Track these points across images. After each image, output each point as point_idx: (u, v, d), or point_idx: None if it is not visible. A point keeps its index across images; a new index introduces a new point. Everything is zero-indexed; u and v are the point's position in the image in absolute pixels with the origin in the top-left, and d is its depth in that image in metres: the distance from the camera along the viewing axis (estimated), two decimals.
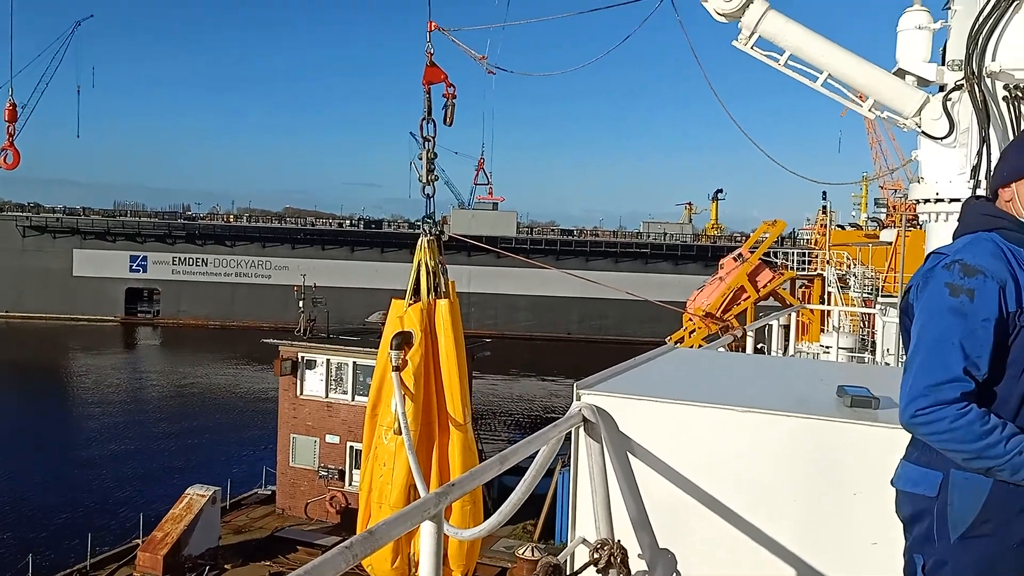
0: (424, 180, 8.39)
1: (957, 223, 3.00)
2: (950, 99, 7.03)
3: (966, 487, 2.70)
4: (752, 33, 7.65)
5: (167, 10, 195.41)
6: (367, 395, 7.98)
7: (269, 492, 32.43)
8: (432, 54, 8.51)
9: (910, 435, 2.98)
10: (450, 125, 8.73)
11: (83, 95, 78.00)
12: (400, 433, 6.77)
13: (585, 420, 3.77)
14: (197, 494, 26.23)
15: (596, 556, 3.46)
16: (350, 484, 29.53)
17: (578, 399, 3.92)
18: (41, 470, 38.13)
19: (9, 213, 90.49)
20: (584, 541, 3.79)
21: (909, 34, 7.53)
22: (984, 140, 6.56)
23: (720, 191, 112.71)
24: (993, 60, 6.60)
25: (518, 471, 3.47)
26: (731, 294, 28.15)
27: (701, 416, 3.76)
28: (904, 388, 2.72)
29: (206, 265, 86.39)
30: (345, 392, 30.87)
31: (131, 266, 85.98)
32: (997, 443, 2.56)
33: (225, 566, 25.78)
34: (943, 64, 7.36)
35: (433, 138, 8.45)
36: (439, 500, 2.62)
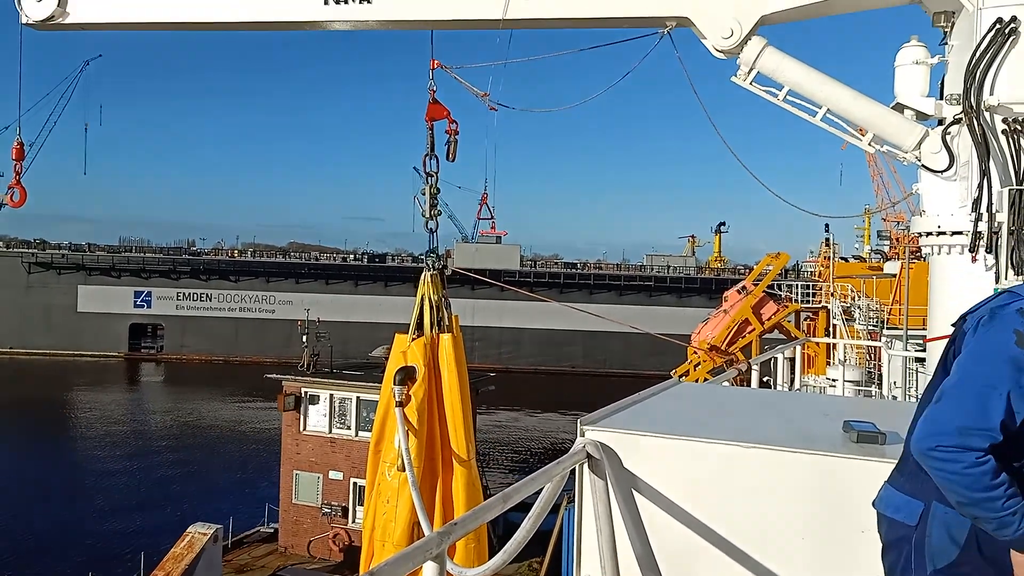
0: (427, 215, 8.44)
1: None
2: (949, 133, 7.07)
3: (945, 521, 2.67)
4: (751, 69, 7.72)
5: (173, 50, 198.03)
6: (371, 430, 7.94)
7: (272, 530, 32.11)
8: (435, 91, 8.61)
9: (898, 459, 2.96)
10: (453, 161, 8.80)
11: (90, 132, 78.92)
12: (403, 469, 6.73)
13: (589, 456, 3.74)
14: (199, 532, 25.96)
15: None
16: (353, 521, 29.24)
17: (582, 435, 3.89)
18: (42, 508, 37.84)
19: (15, 250, 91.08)
20: None
21: (907, 69, 7.61)
22: (984, 173, 6.59)
23: (723, 224, 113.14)
24: (991, 94, 6.65)
25: (524, 507, 3.44)
26: (736, 327, 28.09)
27: (706, 452, 3.73)
28: (934, 417, 2.61)
29: (210, 300, 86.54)
30: (348, 427, 30.70)
31: (135, 302, 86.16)
32: (997, 499, 2.49)
33: None
34: (941, 98, 7.42)
35: (436, 174, 8.52)
36: (441, 540, 2.60)
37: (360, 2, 8.45)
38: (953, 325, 2.89)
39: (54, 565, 30.27)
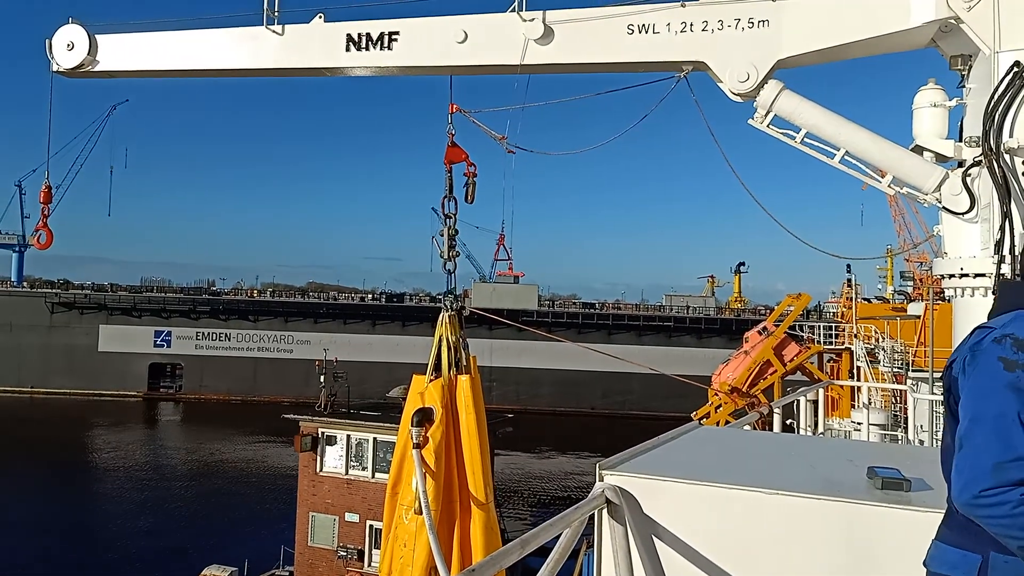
0: (445, 256, 8.49)
1: (994, 302, 2.98)
2: (970, 175, 7.04)
3: (1007, 571, 2.62)
4: (768, 112, 7.76)
5: (197, 93, 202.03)
6: (388, 472, 7.90)
7: (287, 573, 31.82)
8: (454, 135, 8.71)
9: (943, 514, 2.89)
10: (471, 203, 8.87)
11: (115, 175, 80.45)
12: (421, 512, 6.67)
13: (608, 502, 3.69)
14: (214, 574, 25.83)
15: None
16: (369, 565, 28.92)
17: (601, 480, 3.84)
18: (59, 547, 37.79)
19: (39, 290, 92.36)
20: None
21: (925, 111, 7.61)
22: (1006, 215, 6.55)
23: (742, 264, 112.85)
24: (1011, 136, 6.63)
25: (543, 552, 3.39)
26: (757, 368, 27.82)
27: (728, 499, 3.67)
28: (963, 467, 2.62)
29: (229, 340, 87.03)
30: (365, 468, 30.53)
31: (155, 341, 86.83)
32: None
33: None
34: (960, 140, 7.40)
35: (454, 215, 8.59)
36: None
37: (381, 49, 8.61)
38: (943, 372, 2.93)
39: None
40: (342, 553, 29.92)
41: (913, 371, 24.85)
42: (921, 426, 13.57)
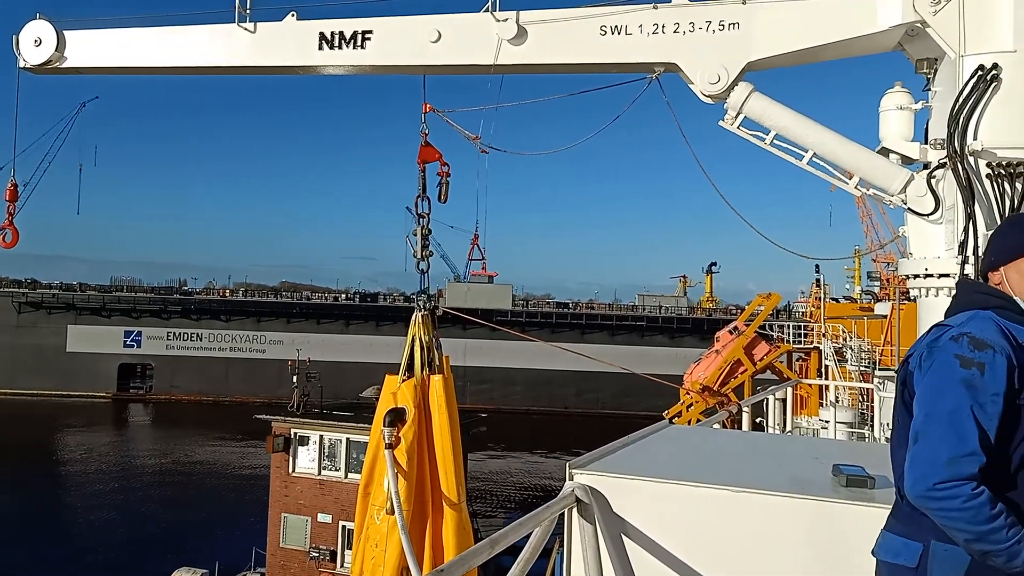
0: (418, 256, 8.48)
1: (951, 301, 3.06)
2: (935, 176, 7.17)
3: (945, 559, 2.71)
4: (738, 114, 7.84)
5: (168, 91, 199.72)
6: (360, 472, 7.87)
7: (259, 574, 31.57)
8: (427, 134, 8.71)
9: (892, 505, 2.99)
10: (444, 202, 8.87)
11: (84, 173, 79.22)
12: (393, 513, 6.66)
13: (578, 501, 3.72)
14: None
15: None
16: (342, 566, 28.78)
17: (571, 479, 3.87)
18: (26, 550, 37.16)
19: (6, 290, 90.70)
20: None
21: (891, 114, 7.73)
22: (970, 216, 6.67)
23: (714, 264, 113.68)
24: (975, 139, 6.76)
25: (516, 551, 3.41)
26: (728, 367, 28.02)
27: (696, 497, 3.71)
28: (917, 459, 2.69)
29: (201, 340, 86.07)
30: (338, 469, 30.38)
31: (125, 341, 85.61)
32: (1001, 529, 2.57)
33: None
34: (926, 143, 7.53)
35: (428, 215, 8.59)
36: None
37: (354, 48, 8.57)
38: (899, 366, 3.03)
39: None
40: (314, 554, 29.74)
41: (880, 370, 25.21)
42: (887, 424, 13.77)
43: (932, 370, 2.77)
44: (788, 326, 42.42)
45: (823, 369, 32.69)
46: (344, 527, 29.14)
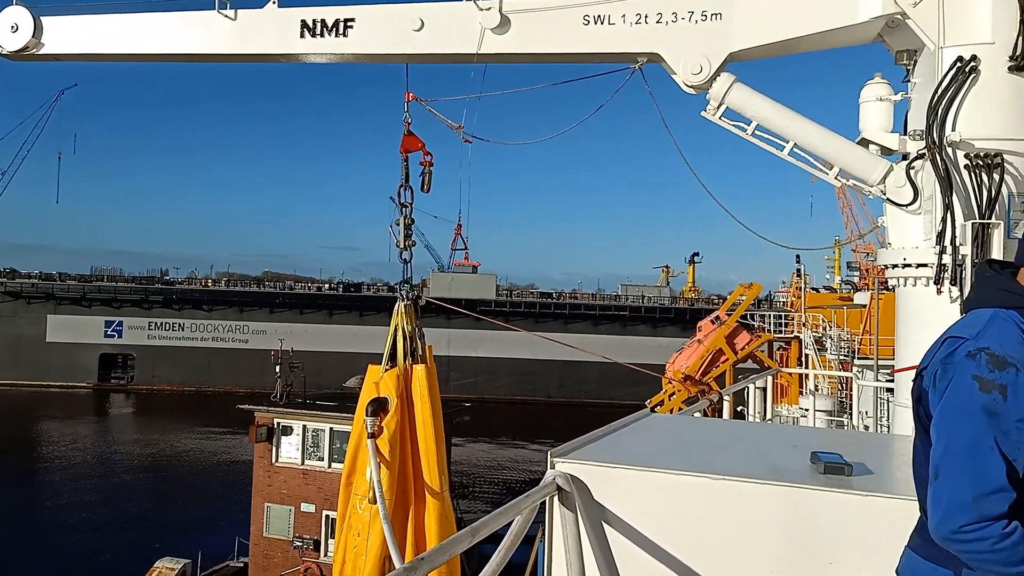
0: (401, 245, 8.46)
1: (970, 290, 2.84)
2: (913, 167, 7.23)
3: None
4: (720, 104, 7.87)
5: (149, 80, 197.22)
6: (343, 463, 7.87)
7: (241, 564, 31.49)
8: (410, 123, 8.67)
9: (915, 523, 2.82)
10: (427, 192, 8.84)
11: (64, 161, 78.43)
12: (375, 502, 6.67)
13: (559, 489, 3.75)
14: (166, 567, 25.51)
15: None
16: (325, 555, 28.78)
17: (552, 467, 3.89)
18: (6, 542, 36.90)
19: None
20: None
21: (871, 105, 7.79)
22: (948, 207, 6.74)
23: (696, 254, 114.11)
24: (953, 130, 6.82)
25: (496, 539, 3.43)
26: (710, 356, 28.27)
27: (676, 484, 3.75)
28: (939, 499, 2.45)
29: (183, 330, 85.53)
30: (321, 459, 30.34)
31: (106, 331, 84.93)
32: None
33: None
34: (905, 134, 7.60)
35: (410, 204, 8.56)
36: (408, 575, 2.58)
37: (336, 36, 8.53)
38: (913, 381, 2.80)
39: None
40: (298, 543, 29.72)
41: (859, 359, 25.47)
42: (866, 412, 13.94)
43: (948, 394, 2.50)
44: (769, 316, 42.74)
45: (803, 358, 32.97)
46: (327, 516, 29.13)
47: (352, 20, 8.52)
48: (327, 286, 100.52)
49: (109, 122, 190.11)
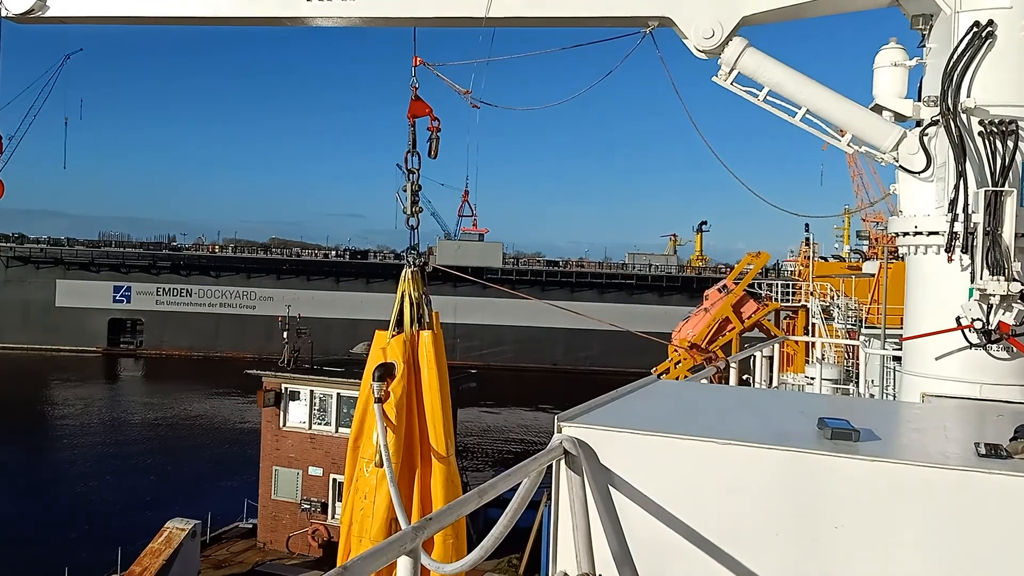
0: (408, 212, 8.41)
1: None
2: (927, 134, 7.13)
3: None
4: (732, 69, 7.75)
5: (156, 46, 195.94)
6: (351, 427, 7.92)
7: (250, 525, 31.95)
8: (417, 88, 8.58)
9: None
10: (435, 158, 8.77)
11: (70, 127, 78.22)
12: (382, 465, 6.72)
13: (566, 453, 3.76)
14: (177, 528, 25.82)
15: None
16: (333, 517, 29.16)
17: (559, 431, 3.91)
18: (17, 503, 37.46)
19: None
20: (565, 575, 3.76)
21: (885, 71, 7.66)
22: (961, 174, 6.65)
23: (704, 223, 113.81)
24: (968, 96, 6.72)
25: (504, 504, 3.45)
26: (716, 325, 28.19)
27: (682, 449, 3.76)
28: None
29: (190, 296, 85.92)
30: (328, 424, 30.61)
31: (115, 296, 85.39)
32: None
33: None
34: (919, 100, 7.48)
35: (418, 170, 8.50)
36: (416, 534, 2.60)
37: None
38: None
39: (30, 559, 29.97)
40: (305, 506, 30.11)
41: (866, 328, 25.43)
42: (872, 380, 13.94)
43: None
44: (776, 285, 42.65)
45: (810, 327, 32.95)
46: (335, 480, 29.46)
47: None
48: (334, 253, 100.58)
49: (116, 88, 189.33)
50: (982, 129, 6.67)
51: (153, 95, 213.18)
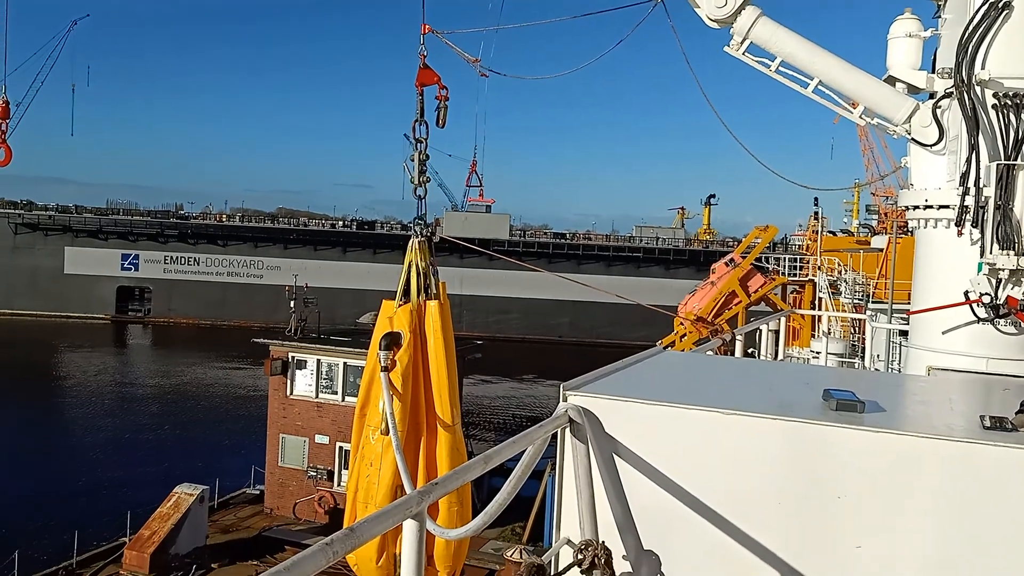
0: (416, 182, 8.37)
1: None
2: (940, 106, 7.06)
3: None
4: (744, 39, 7.67)
5: (163, 15, 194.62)
6: (357, 395, 7.97)
7: (257, 492, 32.30)
8: (425, 56, 8.50)
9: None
10: (442, 127, 8.71)
11: (78, 94, 78.01)
12: (387, 433, 6.76)
13: (571, 421, 3.77)
14: (185, 493, 26.12)
15: (580, 557, 3.46)
16: (339, 484, 29.45)
17: (564, 400, 3.92)
18: (29, 468, 37.90)
19: (1, 210, 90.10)
20: (568, 542, 3.79)
21: (900, 42, 7.57)
22: (973, 147, 6.59)
23: (713, 196, 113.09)
24: (982, 68, 6.63)
25: (507, 475, 3.47)
26: (722, 299, 28.19)
27: (686, 418, 3.77)
28: None
29: (198, 264, 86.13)
30: (335, 392, 30.80)
31: (123, 264, 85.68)
32: None
33: (212, 565, 25.66)
34: (933, 72, 7.39)
35: (425, 140, 8.44)
36: (422, 498, 2.62)
37: None
38: None
39: (40, 526, 30.38)
40: (312, 473, 30.40)
41: (873, 302, 25.35)
42: (878, 355, 13.93)
43: None
44: (784, 259, 42.48)
45: (816, 301, 32.87)
46: (341, 448, 29.70)
47: None
48: (341, 223, 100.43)
49: (122, 55, 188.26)
50: (996, 102, 6.58)
51: (161, 64, 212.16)
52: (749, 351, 10.91)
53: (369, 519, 2.41)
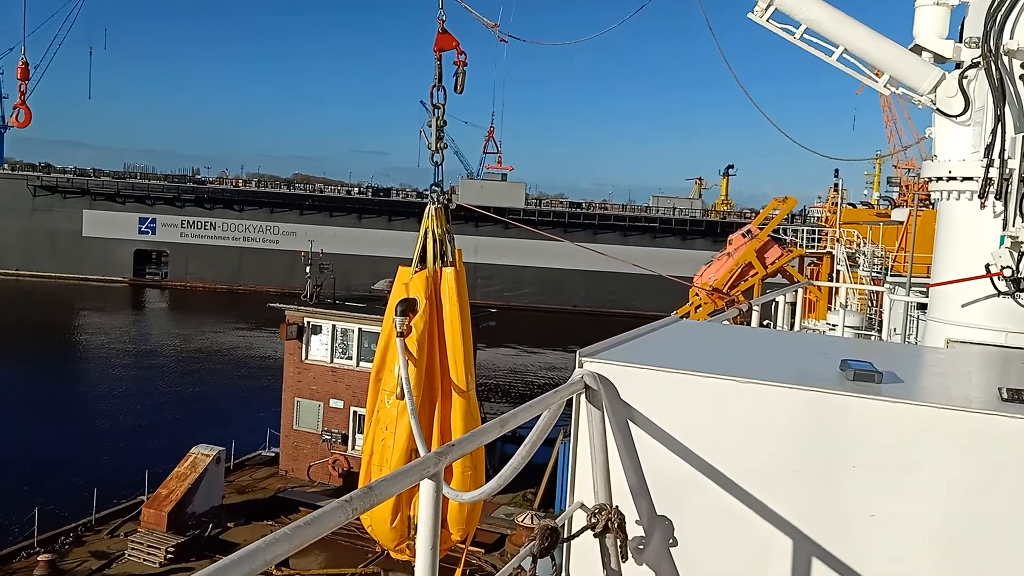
0: (433, 148, 8.34)
1: None
2: (966, 77, 6.94)
3: None
4: (768, 5, 7.55)
5: None
6: (372, 361, 8.02)
7: (273, 454, 32.76)
8: (444, 20, 8.42)
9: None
10: (460, 92, 8.65)
11: (95, 57, 78.00)
12: (402, 397, 6.81)
13: (587, 387, 3.79)
14: (202, 453, 26.51)
15: (593, 521, 3.50)
16: (353, 448, 29.80)
17: (580, 366, 3.93)
18: (49, 427, 38.54)
19: (21, 172, 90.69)
20: (582, 506, 3.83)
21: (927, 10, 7.43)
22: (999, 119, 6.49)
23: (731, 167, 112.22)
24: (1011, 38, 6.50)
25: (520, 442, 3.49)
26: (739, 270, 28.08)
27: (702, 386, 3.77)
28: None
29: (214, 229, 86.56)
30: (350, 358, 31.03)
31: (140, 228, 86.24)
32: None
33: (228, 524, 26.12)
34: (960, 41, 7.26)
35: (443, 106, 8.38)
36: (439, 459, 2.65)
37: None
38: None
39: (60, 484, 30.98)
40: (326, 437, 30.77)
41: (892, 276, 25.16)
42: (895, 329, 13.85)
43: None
44: (803, 231, 42.17)
45: (834, 274, 32.67)
46: (355, 412, 30.00)
47: None
48: (356, 190, 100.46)
49: (139, 19, 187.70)
50: (1023, 72, 6.47)
51: (178, 29, 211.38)
52: (765, 323, 10.87)
53: (387, 478, 2.44)
